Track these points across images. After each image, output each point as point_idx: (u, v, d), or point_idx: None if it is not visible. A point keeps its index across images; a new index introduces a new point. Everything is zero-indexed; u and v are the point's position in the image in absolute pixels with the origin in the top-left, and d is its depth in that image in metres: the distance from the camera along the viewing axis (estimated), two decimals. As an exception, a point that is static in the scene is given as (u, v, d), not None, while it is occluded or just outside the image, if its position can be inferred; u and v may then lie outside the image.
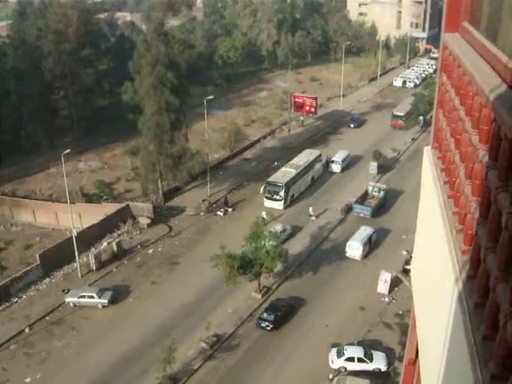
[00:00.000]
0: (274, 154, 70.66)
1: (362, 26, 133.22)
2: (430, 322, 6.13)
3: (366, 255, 47.95)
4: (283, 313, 40.29)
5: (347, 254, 47.85)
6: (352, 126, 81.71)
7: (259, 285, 43.11)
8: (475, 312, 4.24)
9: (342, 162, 65.89)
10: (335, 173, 65.43)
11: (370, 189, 58.09)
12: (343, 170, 65.72)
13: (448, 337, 4.85)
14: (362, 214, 54.49)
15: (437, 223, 6.00)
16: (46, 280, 46.52)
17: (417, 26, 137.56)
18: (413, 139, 75.84)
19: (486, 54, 5.43)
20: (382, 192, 57.26)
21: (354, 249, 47.51)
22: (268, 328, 39.27)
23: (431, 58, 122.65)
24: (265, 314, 39.95)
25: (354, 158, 68.34)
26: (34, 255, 47.99)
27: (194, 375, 35.93)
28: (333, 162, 66.04)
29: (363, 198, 56.69)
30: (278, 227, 49.37)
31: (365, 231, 49.06)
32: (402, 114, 79.70)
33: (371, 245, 48.79)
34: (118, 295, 43.90)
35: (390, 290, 43.36)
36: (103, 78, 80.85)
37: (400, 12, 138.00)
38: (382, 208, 55.90)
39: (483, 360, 3.80)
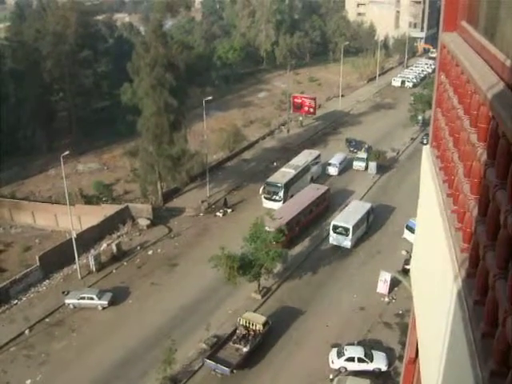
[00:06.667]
0: (273, 155, 70.67)
1: (360, 26, 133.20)
2: (430, 320, 6.14)
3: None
4: None
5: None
6: (352, 149, 71.29)
7: (259, 285, 43.10)
8: (474, 309, 4.26)
9: (340, 164, 65.10)
10: (332, 176, 64.55)
11: None
12: (340, 172, 64.90)
13: (448, 335, 4.86)
14: None
15: (436, 221, 6.02)
16: (46, 282, 46.50)
17: (415, 25, 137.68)
18: (412, 139, 75.91)
19: (484, 53, 5.45)
20: None
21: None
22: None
23: (430, 58, 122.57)
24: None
25: (352, 160, 67.86)
26: (33, 257, 47.94)
27: (194, 376, 35.92)
28: (330, 164, 65.07)
29: None
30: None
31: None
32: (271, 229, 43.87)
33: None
34: (118, 297, 43.89)
35: (390, 290, 43.36)
36: (102, 80, 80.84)
37: (398, 12, 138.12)
38: None
39: (483, 357, 3.81)
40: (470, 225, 4.89)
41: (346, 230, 48.55)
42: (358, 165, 66.21)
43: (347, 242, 48.92)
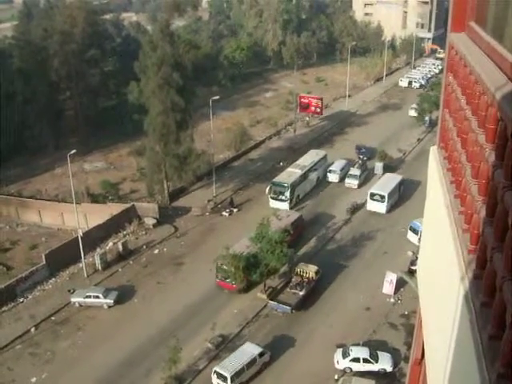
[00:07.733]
0: (280, 155, 70.64)
1: (367, 27, 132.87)
2: (436, 321, 6.12)
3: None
4: None
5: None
6: (362, 156, 67.87)
7: (265, 285, 43.10)
8: (482, 311, 4.24)
9: (341, 171, 63.31)
10: (333, 182, 62.98)
11: None
12: (341, 179, 62.86)
13: (454, 336, 4.84)
14: None
15: (443, 223, 6.00)
16: (52, 280, 46.65)
17: (422, 26, 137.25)
18: (418, 140, 75.69)
19: (492, 54, 5.43)
20: None
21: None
22: None
23: (437, 58, 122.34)
24: None
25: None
26: (39, 255, 48.15)
27: (199, 375, 35.97)
28: (330, 171, 63.44)
29: None
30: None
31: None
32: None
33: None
34: (124, 295, 43.98)
35: (396, 291, 43.26)
36: (109, 79, 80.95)
37: (406, 12, 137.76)
38: None
39: (490, 359, 3.79)
40: (478, 226, 4.87)
41: (382, 196, 54.78)
42: (350, 182, 61.73)
43: (383, 208, 55.05)
